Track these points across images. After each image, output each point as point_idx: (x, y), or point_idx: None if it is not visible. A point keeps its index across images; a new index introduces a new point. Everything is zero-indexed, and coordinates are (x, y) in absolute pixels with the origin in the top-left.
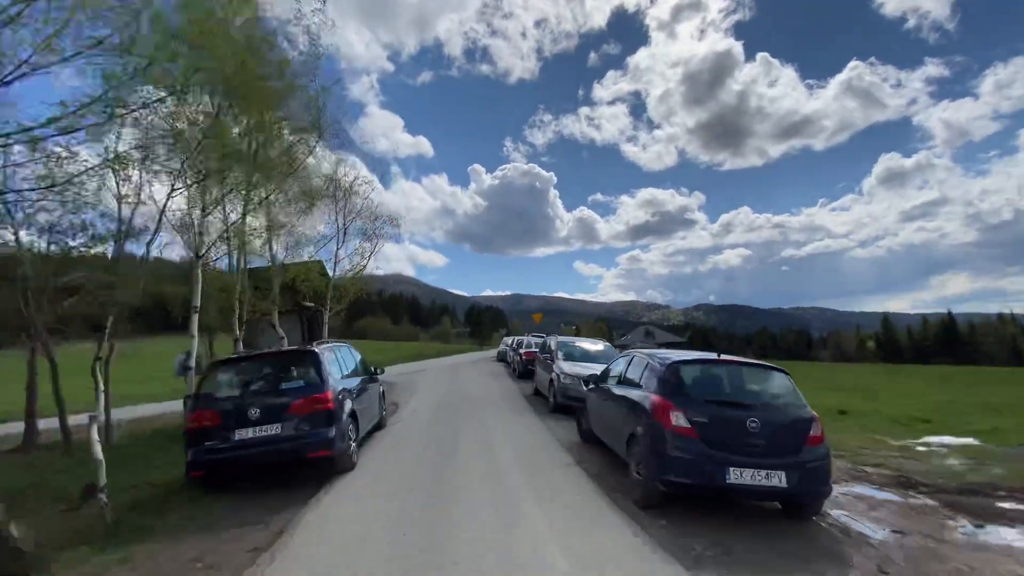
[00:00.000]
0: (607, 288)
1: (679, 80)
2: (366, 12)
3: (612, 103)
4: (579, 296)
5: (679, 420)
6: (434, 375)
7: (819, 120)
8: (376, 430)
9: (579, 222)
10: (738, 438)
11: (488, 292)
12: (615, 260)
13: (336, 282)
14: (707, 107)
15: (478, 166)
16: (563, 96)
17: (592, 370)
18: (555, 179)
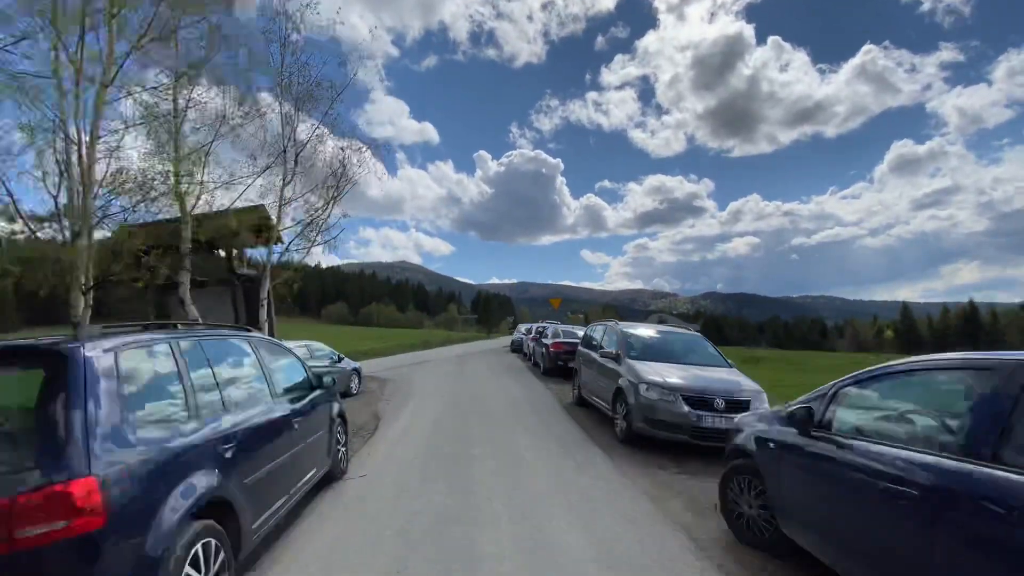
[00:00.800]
0: (614, 276)
1: (688, 64)
2: None
3: (620, 88)
4: (585, 284)
5: None
6: (437, 370)
7: (831, 106)
8: (324, 484)
9: (586, 210)
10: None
11: (494, 280)
12: (622, 248)
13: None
14: (717, 92)
15: (484, 153)
16: (570, 81)
17: (692, 381)
18: (562, 166)
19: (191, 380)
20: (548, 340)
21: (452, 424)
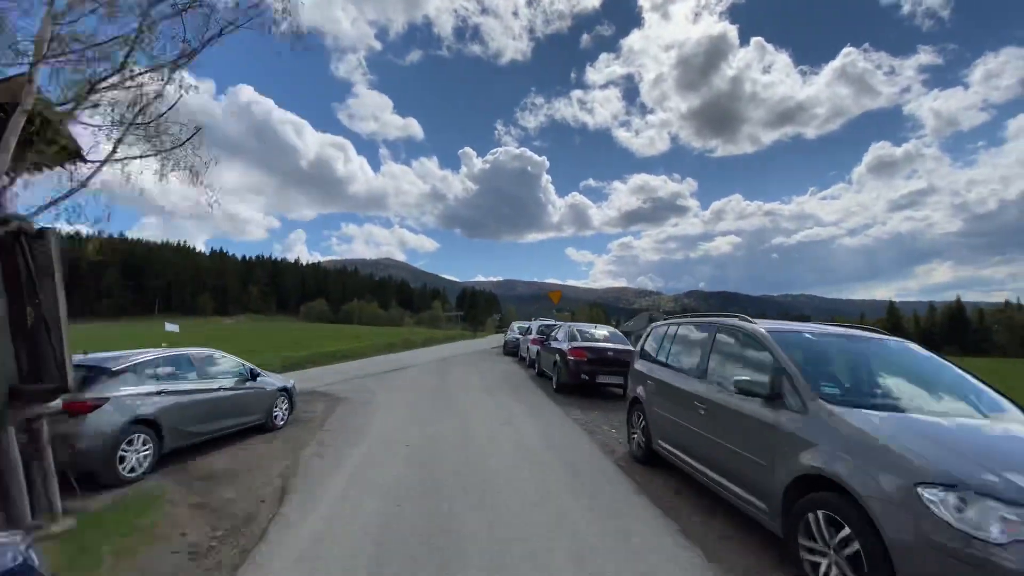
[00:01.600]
0: (598, 274)
1: (673, 64)
2: None
3: (605, 87)
4: (570, 282)
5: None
6: (413, 382)
7: (812, 107)
8: None
9: (571, 208)
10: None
11: (479, 277)
12: (607, 246)
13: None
14: (700, 92)
15: (469, 149)
16: (555, 79)
17: None
18: (547, 164)
19: None
20: (563, 344)
21: (420, 522)
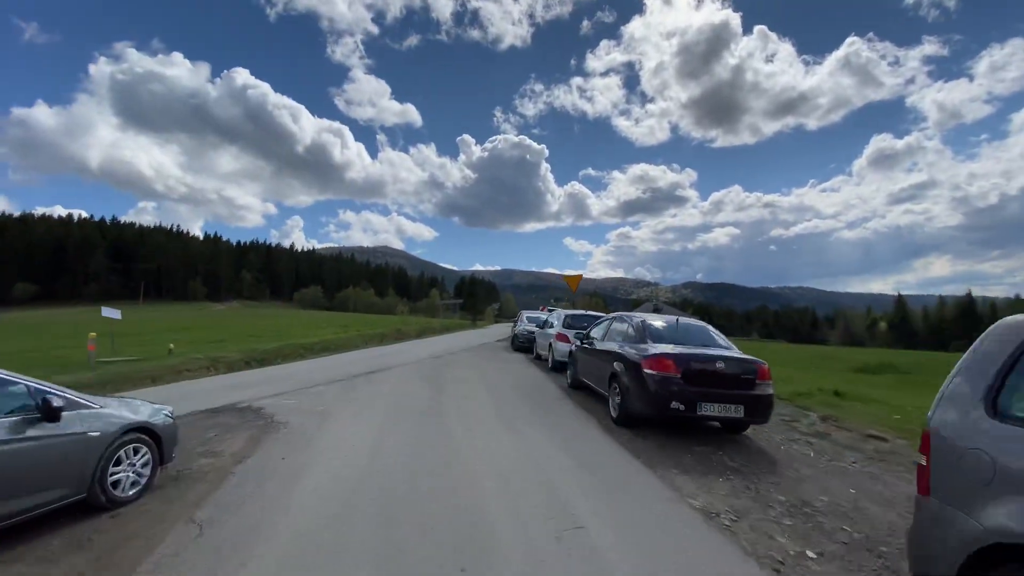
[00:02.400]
0: (596, 265)
1: (674, 52)
2: None
3: (605, 74)
4: (568, 272)
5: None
6: (391, 396)
7: (814, 98)
8: None
9: (570, 197)
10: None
11: (478, 267)
12: (605, 237)
13: None
14: (701, 81)
15: (467, 137)
16: (555, 66)
17: None
18: (547, 152)
19: None
20: (628, 349)
21: None
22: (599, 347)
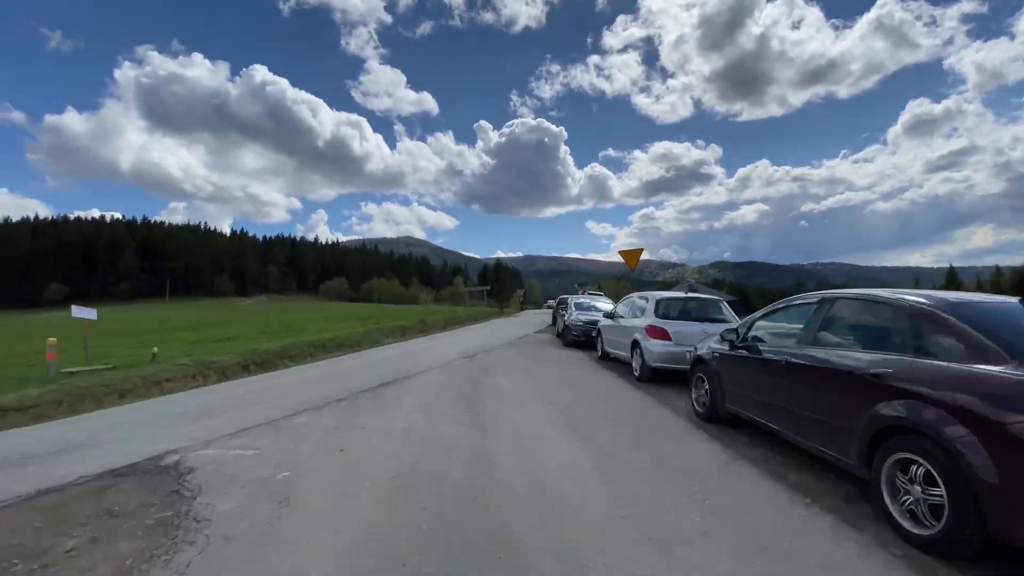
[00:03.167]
0: (620, 247)
1: (695, 24)
2: None
3: (623, 51)
4: (591, 256)
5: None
6: (408, 429)
7: (845, 64)
8: None
9: (590, 179)
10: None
11: (500, 253)
12: (628, 219)
13: None
14: (724, 53)
15: (484, 123)
16: (571, 45)
17: None
18: (565, 134)
19: None
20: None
21: None
22: (805, 359)
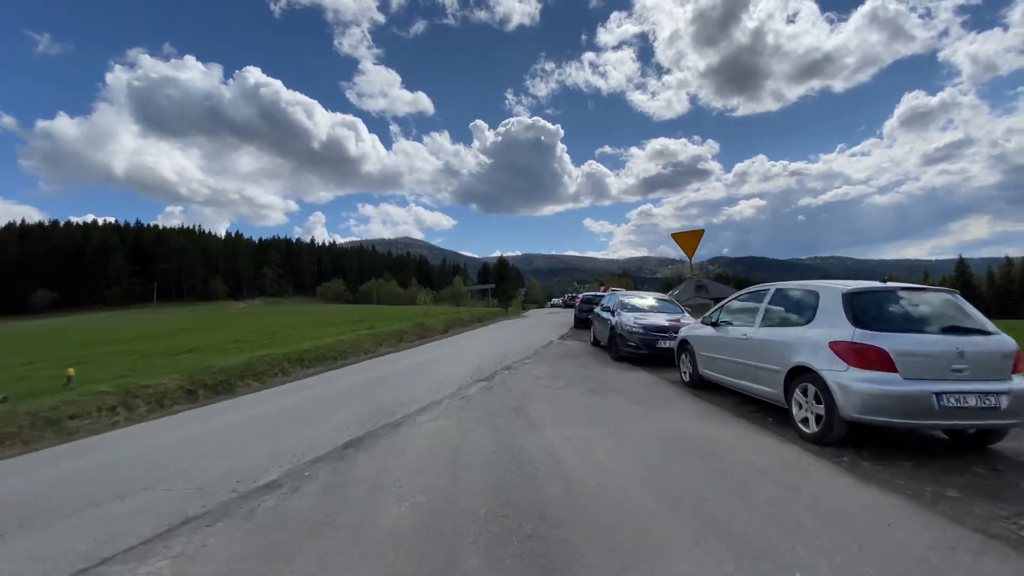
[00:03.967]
0: (618, 245)
1: (689, 19)
2: None
3: (617, 48)
4: (589, 254)
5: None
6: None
7: (840, 58)
8: None
9: (587, 177)
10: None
11: (498, 252)
12: (626, 216)
13: None
14: (719, 48)
15: (480, 122)
16: (565, 42)
17: None
18: (561, 132)
19: None
20: None
21: None
22: None
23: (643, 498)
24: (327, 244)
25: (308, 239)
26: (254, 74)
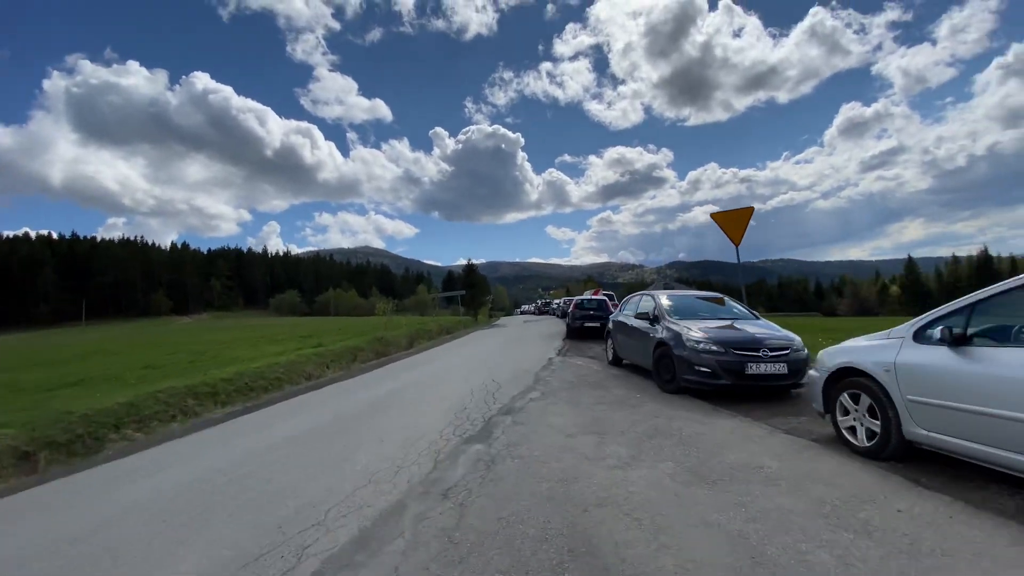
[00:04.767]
0: (580, 251)
1: (641, 32)
2: None
3: (574, 58)
4: (553, 260)
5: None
6: None
7: (783, 71)
8: None
9: (549, 185)
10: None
11: (462, 261)
12: (586, 223)
13: None
14: (671, 60)
15: (440, 129)
16: (523, 52)
17: None
18: (522, 140)
19: None
20: None
21: None
22: None
23: None
24: (281, 254)
25: (261, 249)
26: (202, 80)
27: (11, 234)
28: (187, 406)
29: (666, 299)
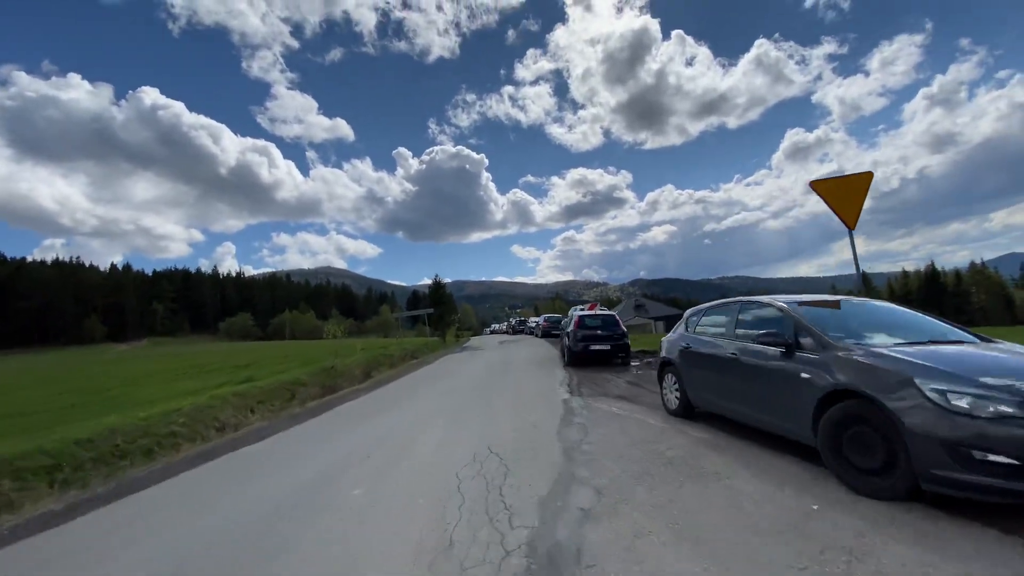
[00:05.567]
0: (545, 270)
1: (599, 59)
2: None
3: (535, 83)
4: (519, 279)
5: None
6: None
7: (733, 98)
8: None
9: (513, 205)
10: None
11: (427, 280)
12: (551, 242)
13: None
14: (628, 86)
15: (403, 149)
16: (485, 76)
17: None
18: (486, 161)
19: None
20: None
21: None
22: None
23: None
24: (233, 275)
25: (222, 272)
26: (151, 95)
27: None
28: (11, 499)
29: (815, 309)
